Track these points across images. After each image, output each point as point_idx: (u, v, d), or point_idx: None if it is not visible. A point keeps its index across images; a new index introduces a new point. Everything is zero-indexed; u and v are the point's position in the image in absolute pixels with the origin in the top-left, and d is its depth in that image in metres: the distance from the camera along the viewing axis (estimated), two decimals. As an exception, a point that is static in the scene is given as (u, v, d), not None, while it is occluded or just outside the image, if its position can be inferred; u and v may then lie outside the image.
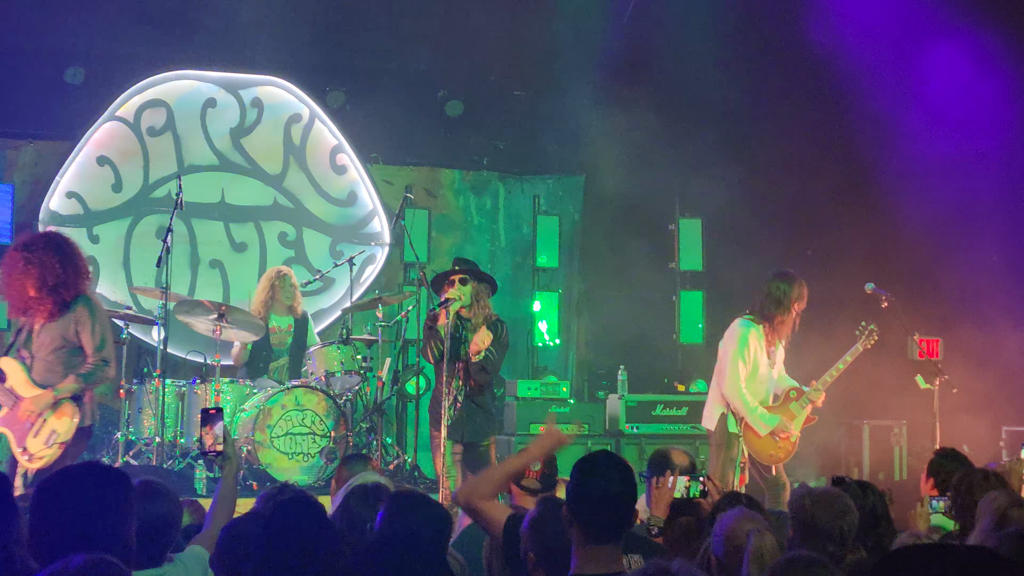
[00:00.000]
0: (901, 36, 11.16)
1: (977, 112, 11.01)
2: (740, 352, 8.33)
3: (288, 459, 9.48)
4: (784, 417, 8.38)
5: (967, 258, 11.02)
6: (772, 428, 8.31)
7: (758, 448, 8.32)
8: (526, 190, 13.07)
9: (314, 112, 12.28)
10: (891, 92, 11.19)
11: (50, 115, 11.47)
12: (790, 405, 8.44)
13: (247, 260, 12.06)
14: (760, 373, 8.40)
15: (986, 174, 11.07)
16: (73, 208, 11.55)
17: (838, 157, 11.74)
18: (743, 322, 8.44)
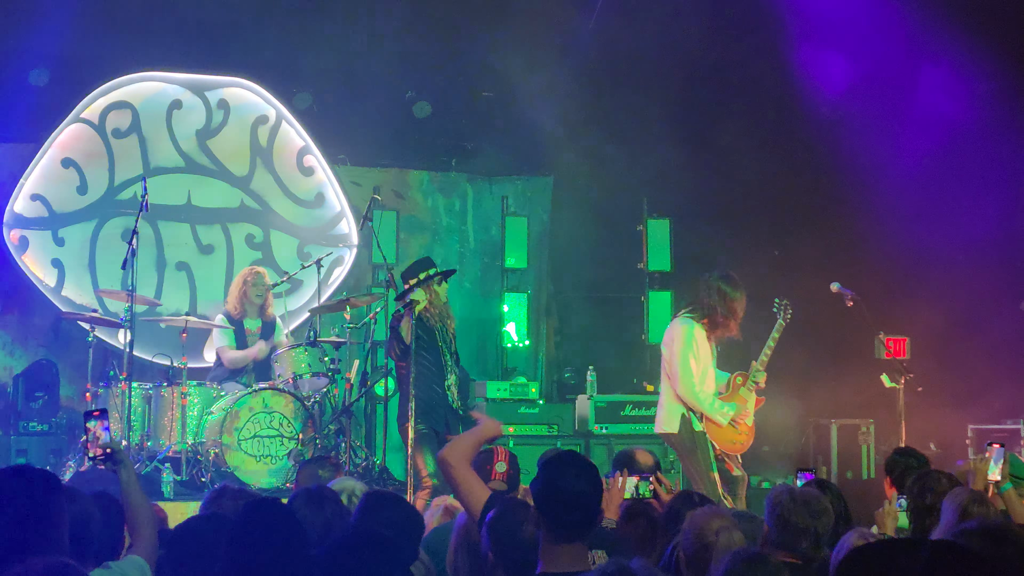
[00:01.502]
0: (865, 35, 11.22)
1: (942, 111, 11.07)
2: (689, 351, 8.28)
3: (256, 462, 9.45)
4: (738, 403, 8.39)
5: (933, 257, 11.09)
6: (732, 415, 8.32)
7: (721, 439, 8.31)
8: (494, 191, 13.07)
9: (281, 113, 12.23)
10: (856, 91, 11.25)
11: (14, 117, 11.37)
12: (740, 391, 8.42)
13: (214, 262, 12.00)
14: (709, 368, 8.40)
15: (952, 173, 11.14)
16: (38, 211, 11.47)
17: (805, 157, 11.80)
18: (685, 320, 8.39)
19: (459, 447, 4.71)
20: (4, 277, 11.38)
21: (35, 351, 11.36)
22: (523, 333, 12.46)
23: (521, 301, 12.56)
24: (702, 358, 8.30)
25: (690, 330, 8.31)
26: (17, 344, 11.38)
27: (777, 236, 11.82)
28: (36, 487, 3.53)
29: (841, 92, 11.25)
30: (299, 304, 12.05)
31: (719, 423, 8.29)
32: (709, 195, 11.80)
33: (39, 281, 11.41)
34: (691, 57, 11.71)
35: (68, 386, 11.07)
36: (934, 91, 11.01)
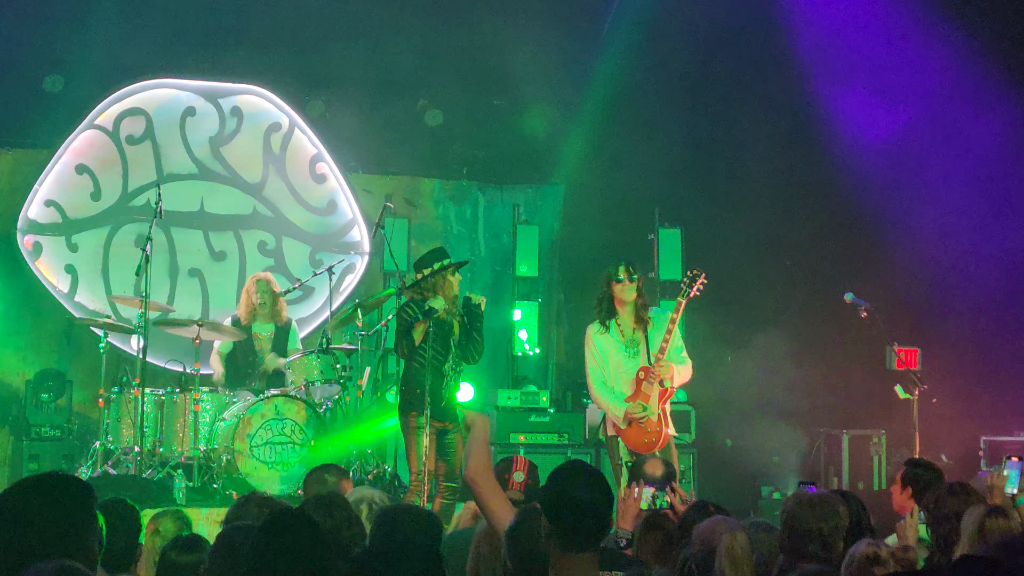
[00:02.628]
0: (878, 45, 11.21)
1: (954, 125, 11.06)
2: (587, 355, 8.32)
3: (267, 468, 9.46)
4: (639, 400, 8.11)
5: (946, 268, 11.08)
6: (623, 414, 8.09)
7: (632, 441, 8.13)
8: (506, 199, 13.09)
9: (294, 121, 12.27)
10: (870, 104, 11.25)
11: (29, 123, 11.44)
12: (642, 387, 8.16)
13: (226, 269, 12.03)
14: (615, 367, 8.23)
15: (963, 186, 11.13)
16: (52, 216, 11.51)
17: (817, 167, 11.79)
18: (588, 325, 8.44)
19: (476, 460, 4.66)
20: (18, 283, 11.42)
21: (48, 357, 11.39)
22: (534, 341, 12.46)
23: (532, 309, 12.57)
24: (599, 355, 8.25)
25: (587, 333, 8.39)
26: (30, 349, 11.41)
27: (790, 246, 11.82)
28: (69, 494, 3.55)
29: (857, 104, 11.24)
30: (311, 311, 12.08)
31: (618, 424, 8.16)
32: (721, 205, 11.81)
33: (52, 287, 11.44)
34: (704, 65, 11.72)
35: (81, 392, 11.11)
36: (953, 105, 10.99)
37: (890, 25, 11.04)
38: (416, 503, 7.56)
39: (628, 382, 8.22)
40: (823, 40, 11.25)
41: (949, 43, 10.67)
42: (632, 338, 8.28)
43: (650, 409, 8.13)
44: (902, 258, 11.22)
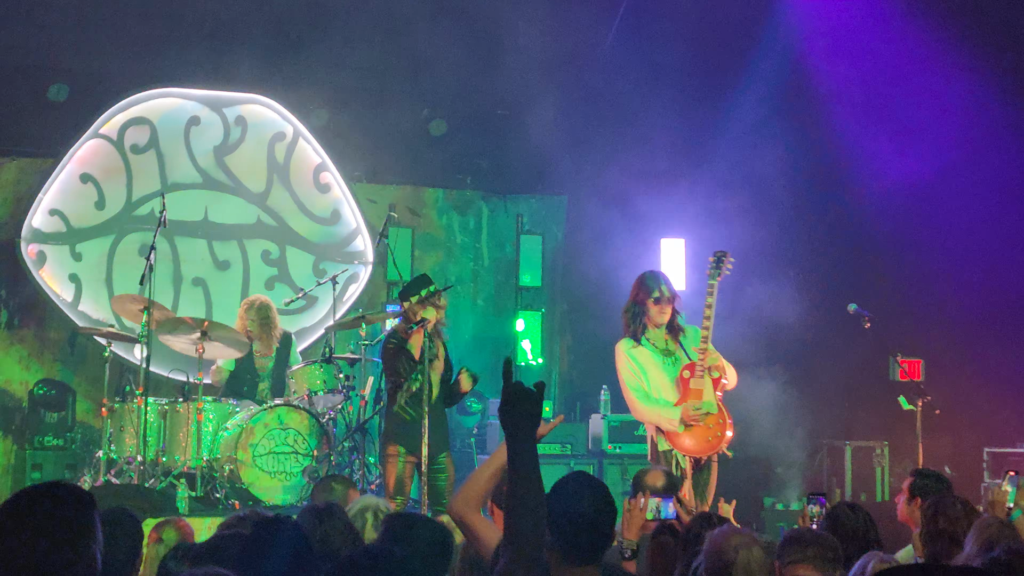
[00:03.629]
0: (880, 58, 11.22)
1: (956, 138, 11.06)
2: (624, 371, 7.86)
3: (270, 478, 9.45)
4: (691, 399, 7.68)
5: (948, 278, 11.08)
6: (680, 417, 7.65)
7: (692, 445, 7.68)
8: (509, 209, 13.10)
9: (298, 130, 12.29)
10: (871, 115, 11.25)
11: (33, 132, 11.45)
12: (690, 384, 7.73)
13: (230, 278, 12.04)
14: (655, 376, 7.81)
15: (967, 197, 11.12)
16: (56, 225, 11.52)
17: (820, 176, 11.80)
18: (618, 342, 7.99)
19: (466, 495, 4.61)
20: (21, 292, 11.44)
21: (51, 366, 11.41)
22: (537, 351, 12.47)
23: (535, 319, 12.58)
24: (636, 369, 7.82)
25: (618, 348, 7.95)
26: (33, 359, 11.42)
27: (793, 257, 11.81)
28: (70, 504, 3.55)
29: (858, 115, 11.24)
30: (314, 320, 12.09)
31: (674, 431, 7.69)
32: (724, 215, 11.79)
33: (56, 296, 11.46)
34: (707, 74, 11.72)
35: (84, 401, 11.12)
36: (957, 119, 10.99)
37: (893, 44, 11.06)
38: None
39: (671, 390, 7.79)
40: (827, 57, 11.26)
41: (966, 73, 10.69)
42: (666, 347, 7.89)
43: (707, 404, 7.68)
44: (906, 269, 11.22)
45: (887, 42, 11.08)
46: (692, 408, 7.64)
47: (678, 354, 7.88)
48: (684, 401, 7.70)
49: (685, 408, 7.65)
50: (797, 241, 11.77)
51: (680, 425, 7.66)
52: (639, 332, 7.88)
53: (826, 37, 11.32)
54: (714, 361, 7.74)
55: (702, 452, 7.71)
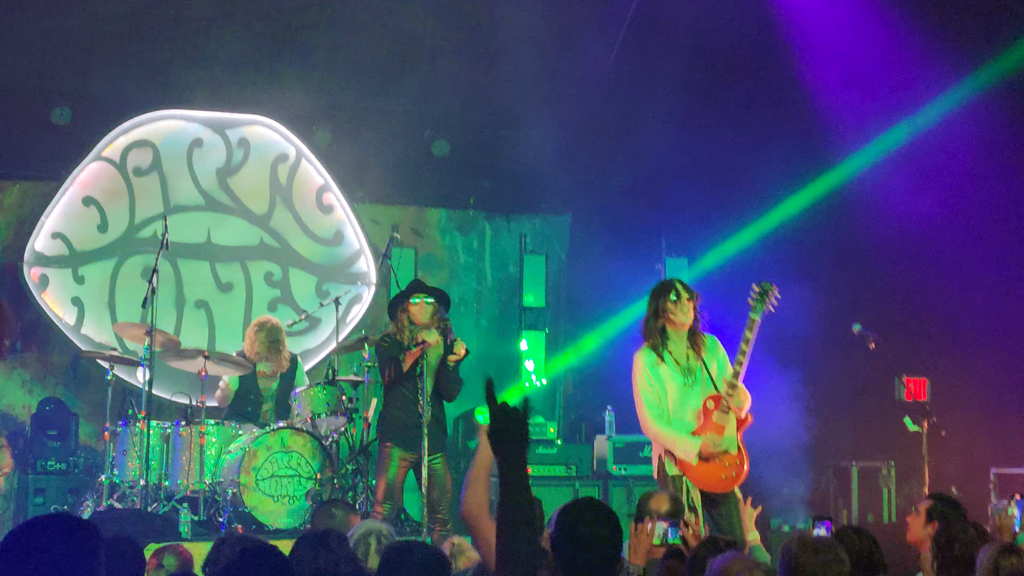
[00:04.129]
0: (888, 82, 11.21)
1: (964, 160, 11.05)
2: (641, 385, 7.48)
3: (273, 502, 9.41)
4: (711, 433, 7.35)
5: (954, 299, 11.04)
6: (698, 451, 7.31)
7: (704, 479, 7.36)
8: (512, 229, 13.08)
9: (300, 151, 12.28)
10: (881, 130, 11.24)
11: (36, 155, 11.45)
12: (713, 417, 7.38)
13: (233, 300, 12.02)
14: (673, 398, 7.46)
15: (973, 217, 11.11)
16: (58, 249, 11.51)
17: (827, 197, 11.77)
18: (637, 352, 7.57)
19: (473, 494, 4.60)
20: (24, 315, 11.42)
21: (54, 389, 11.38)
22: (541, 372, 12.44)
23: (539, 339, 12.56)
24: (659, 385, 7.44)
25: (637, 358, 7.54)
26: (36, 382, 11.40)
27: (798, 276, 11.75)
28: (74, 536, 3.53)
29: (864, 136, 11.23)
30: (317, 342, 12.06)
31: (688, 462, 7.34)
32: (728, 234, 11.78)
33: (58, 319, 11.44)
34: (711, 94, 11.71)
35: (86, 425, 11.09)
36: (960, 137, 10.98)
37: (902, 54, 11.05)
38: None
39: (689, 414, 7.45)
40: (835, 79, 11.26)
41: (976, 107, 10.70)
42: (688, 366, 7.49)
43: (727, 440, 7.38)
44: (911, 288, 11.19)
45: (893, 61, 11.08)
46: (712, 443, 7.34)
47: (699, 373, 7.50)
48: (704, 432, 7.38)
49: (705, 442, 7.33)
50: (802, 260, 11.73)
51: (696, 458, 7.35)
52: (660, 345, 7.49)
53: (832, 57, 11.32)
54: (739, 404, 7.41)
55: (713, 488, 7.41)
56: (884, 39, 11.08)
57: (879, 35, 11.10)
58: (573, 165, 12.63)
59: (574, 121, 12.30)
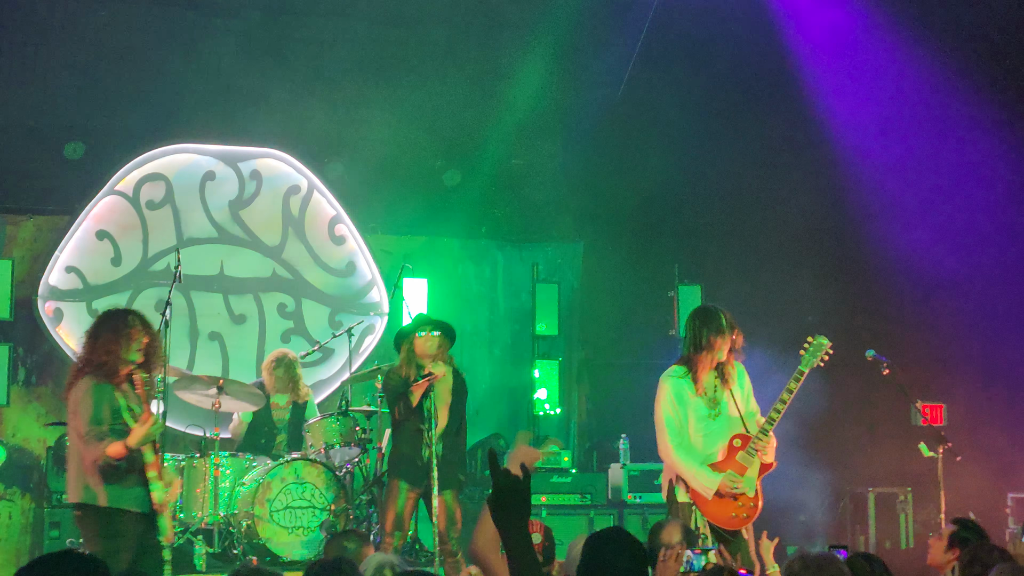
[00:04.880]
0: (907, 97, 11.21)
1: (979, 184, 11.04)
2: (664, 409, 7.40)
3: (288, 533, 9.40)
4: (732, 471, 7.26)
5: (968, 324, 11.02)
6: (716, 488, 7.24)
7: (715, 513, 7.29)
8: (524, 258, 13.08)
9: (312, 183, 12.32)
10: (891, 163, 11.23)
11: (49, 190, 11.52)
12: (736, 456, 7.29)
13: (246, 332, 12.04)
14: (696, 424, 7.39)
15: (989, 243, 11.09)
16: (72, 283, 11.55)
17: (837, 224, 11.77)
18: (665, 374, 7.51)
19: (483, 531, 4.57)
20: (39, 349, 11.46)
21: (69, 423, 11.37)
22: (555, 400, 12.42)
23: (552, 368, 12.54)
24: (678, 415, 7.37)
25: (664, 381, 7.46)
26: (51, 416, 11.40)
27: (812, 302, 11.76)
28: (83, 573, 3.53)
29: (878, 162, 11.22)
30: (330, 373, 12.07)
31: (703, 495, 7.28)
32: (741, 261, 11.77)
33: (73, 353, 11.42)
34: (722, 121, 11.73)
35: (101, 458, 11.07)
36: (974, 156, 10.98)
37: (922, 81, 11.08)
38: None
39: (709, 446, 7.37)
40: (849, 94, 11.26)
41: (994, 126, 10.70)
42: (714, 396, 7.43)
43: (747, 481, 7.29)
44: (925, 314, 11.16)
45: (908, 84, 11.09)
46: (731, 483, 7.26)
47: (723, 405, 7.43)
48: (725, 468, 7.30)
49: (724, 480, 7.25)
50: (815, 286, 11.72)
51: (712, 494, 7.27)
52: (690, 372, 7.42)
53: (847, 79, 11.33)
54: (763, 449, 7.30)
55: (723, 525, 7.33)
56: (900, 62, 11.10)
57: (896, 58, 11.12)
58: (584, 192, 12.67)
59: (585, 149, 12.33)
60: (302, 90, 11.77)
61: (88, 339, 7.20)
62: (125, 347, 7.05)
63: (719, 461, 7.35)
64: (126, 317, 7.21)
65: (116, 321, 7.20)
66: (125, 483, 6.92)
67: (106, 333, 7.12)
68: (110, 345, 7.05)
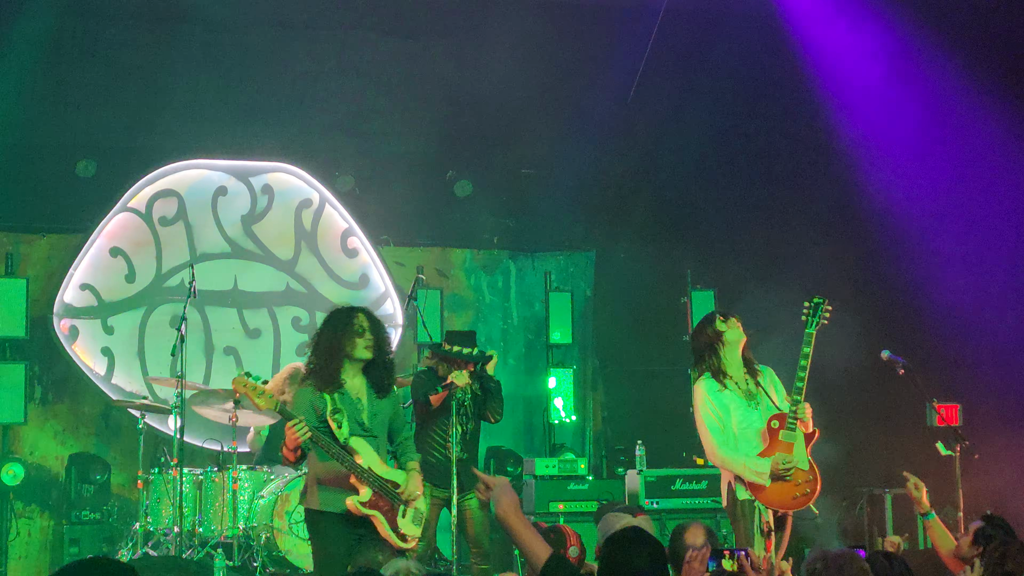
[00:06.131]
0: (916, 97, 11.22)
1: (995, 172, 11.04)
2: (704, 412, 7.45)
3: (307, 545, 9.38)
4: (780, 451, 7.28)
5: (983, 322, 11.00)
6: (769, 471, 7.26)
7: (778, 499, 7.30)
8: (537, 267, 13.11)
9: (324, 197, 12.36)
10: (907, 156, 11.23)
11: (63, 208, 11.57)
12: (780, 435, 7.31)
13: (261, 346, 12.08)
14: (738, 421, 7.43)
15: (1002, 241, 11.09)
16: (87, 300, 11.60)
17: (852, 225, 11.76)
18: (696, 381, 7.59)
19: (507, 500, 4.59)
20: (55, 367, 11.51)
21: (86, 440, 11.44)
22: (570, 408, 12.42)
23: (567, 376, 12.54)
24: (718, 413, 7.42)
25: (701, 389, 7.50)
26: (68, 433, 11.46)
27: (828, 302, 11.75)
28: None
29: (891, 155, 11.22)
30: (346, 385, 12.07)
31: (760, 483, 7.28)
32: (754, 265, 11.77)
33: (89, 370, 11.51)
34: (732, 127, 11.75)
35: (119, 474, 11.14)
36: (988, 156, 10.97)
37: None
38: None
39: (755, 436, 7.39)
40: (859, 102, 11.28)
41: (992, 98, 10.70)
42: (748, 389, 7.50)
43: (797, 458, 7.28)
44: (939, 313, 11.14)
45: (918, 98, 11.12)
46: (782, 462, 7.26)
47: (760, 396, 7.50)
48: (772, 452, 7.30)
49: (775, 461, 7.24)
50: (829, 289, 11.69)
51: (768, 479, 7.27)
52: (719, 372, 7.49)
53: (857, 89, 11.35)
54: (804, 416, 7.33)
55: (788, 507, 7.36)
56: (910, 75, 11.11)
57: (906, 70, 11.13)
58: (596, 201, 12.68)
59: (595, 157, 12.34)
60: (312, 104, 11.81)
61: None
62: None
63: (765, 448, 7.36)
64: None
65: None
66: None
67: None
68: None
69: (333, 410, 6.89)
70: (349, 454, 6.83)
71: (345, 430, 6.87)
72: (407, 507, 6.99)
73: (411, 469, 7.09)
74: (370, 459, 6.90)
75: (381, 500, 6.89)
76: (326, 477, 6.90)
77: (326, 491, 6.91)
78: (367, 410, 6.98)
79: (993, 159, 10.96)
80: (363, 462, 6.85)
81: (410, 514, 7.01)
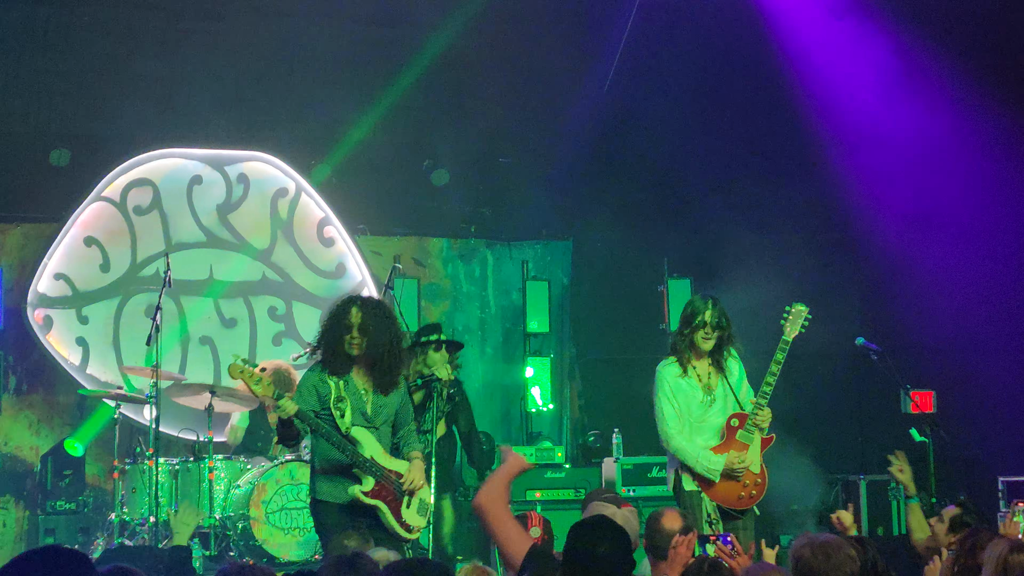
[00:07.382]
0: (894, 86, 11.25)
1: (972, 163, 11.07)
2: (660, 396, 7.52)
3: (284, 534, 9.42)
4: (734, 450, 7.37)
5: (957, 309, 11.05)
6: (721, 469, 7.34)
7: (722, 496, 7.40)
8: (514, 256, 13.10)
9: (300, 186, 12.32)
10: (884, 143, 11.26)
11: (36, 197, 11.50)
12: (736, 435, 7.40)
13: (237, 336, 12.03)
14: (694, 412, 7.50)
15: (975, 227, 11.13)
16: (61, 290, 11.54)
17: (827, 211, 11.80)
18: (659, 365, 7.64)
19: (491, 489, 4.63)
20: (29, 357, 11.45)
21: (61, 430, 11.39)
22: (547, 397, 12.43)
23: (544, 365, 12.53)
24: (680, 400, 7.48)
25: (659, 371, 7.60)
26: (43, 423, 11.42)
27: (801, 292, 11.76)
28: (67, 568, 3.53)
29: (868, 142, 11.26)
30: (322, 375, 12.06)
31: (711, 479, 7.36)
32: (730, 253, 11.79)
33: (64, 360, 11.45)
34: (710, 114, 11.75)
35: (94, 464, 11.10)
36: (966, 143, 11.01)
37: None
38: None
39: (706, 432, 7.48)
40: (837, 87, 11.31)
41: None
42: (708, 383, 7.55)
43: (751, 459, 7.41)
44: (914, 300, 11.19)
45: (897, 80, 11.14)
46: (737, 461, 7.36)
47: (719, 394, 7.55)
48: (727, 449, 7.40)
49: (730, 459, 7.35)
50: (805, 276, 11.75)
51: (718, 475, 7.37)
52: (686, 361, 7.55)
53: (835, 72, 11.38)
54: (761, 423, 7.43)
55: (731, 506, 7.44)
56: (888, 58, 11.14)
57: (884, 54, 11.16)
58: (572, 190, 12.67)
59: (571, 145, 12.34)
60: (287, 92, 11.78)
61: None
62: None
63: (720, 444, 7.44)
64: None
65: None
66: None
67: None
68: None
69: (337, 398, 6.89)
70: (351, 444, 6.83)
71: (348, 420, 6.88)
72: (411, 497, 6.99)
73: (414, 459, 7.09)
74: (372, 449, 6.91)
75: (384, 490, 6.90)
76: (327, 467, 6.91)
77: (327, 481, 6.92)
78: (371, 403, 6.98)
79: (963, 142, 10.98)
80: (365, 452, 6.85)
81: (415, 504, 7.02)
